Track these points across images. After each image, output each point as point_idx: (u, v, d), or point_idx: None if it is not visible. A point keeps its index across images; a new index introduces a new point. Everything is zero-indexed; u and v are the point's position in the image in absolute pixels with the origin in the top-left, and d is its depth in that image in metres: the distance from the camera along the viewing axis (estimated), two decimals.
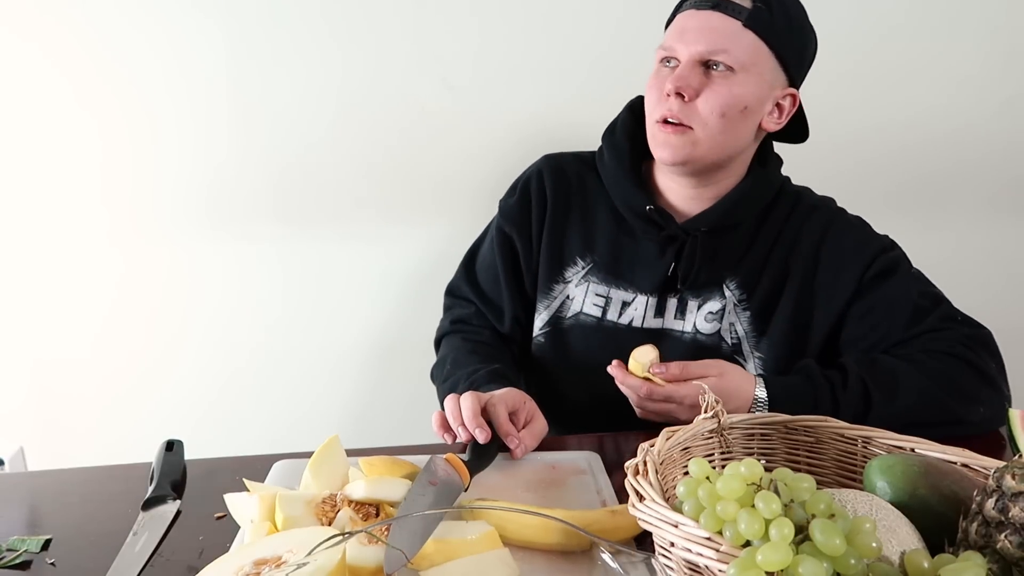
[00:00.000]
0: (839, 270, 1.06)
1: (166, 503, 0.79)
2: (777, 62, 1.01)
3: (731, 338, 1.09)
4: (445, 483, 0.75)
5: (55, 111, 1.39)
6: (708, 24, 0.99)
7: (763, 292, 1.08)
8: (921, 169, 1.60)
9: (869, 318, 1.05)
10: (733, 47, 0.98)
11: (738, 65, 0.98)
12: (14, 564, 0.71)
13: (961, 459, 0.67)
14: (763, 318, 1.08)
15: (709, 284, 1.09)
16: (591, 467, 0.86)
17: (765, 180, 1.10)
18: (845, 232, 1.09)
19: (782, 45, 1.00)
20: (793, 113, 1.06)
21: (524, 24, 1.45)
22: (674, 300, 1.10)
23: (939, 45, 1.53)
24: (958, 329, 1.03)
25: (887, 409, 0.95)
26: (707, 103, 0.99)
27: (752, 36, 0.98)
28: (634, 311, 1.11)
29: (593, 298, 1.12)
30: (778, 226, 1.10)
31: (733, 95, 0.98)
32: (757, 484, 0.54)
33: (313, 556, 0.55)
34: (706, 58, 0.99)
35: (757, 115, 1.03)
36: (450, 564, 0.63)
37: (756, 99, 1.01)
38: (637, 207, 1.09)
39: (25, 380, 1.53)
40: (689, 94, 0.99)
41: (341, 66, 1.43)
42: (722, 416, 0.71)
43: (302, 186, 1.48)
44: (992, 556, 0.53)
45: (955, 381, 0.97)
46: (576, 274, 1.14)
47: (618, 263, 1.12)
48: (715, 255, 1.08)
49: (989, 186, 1.62)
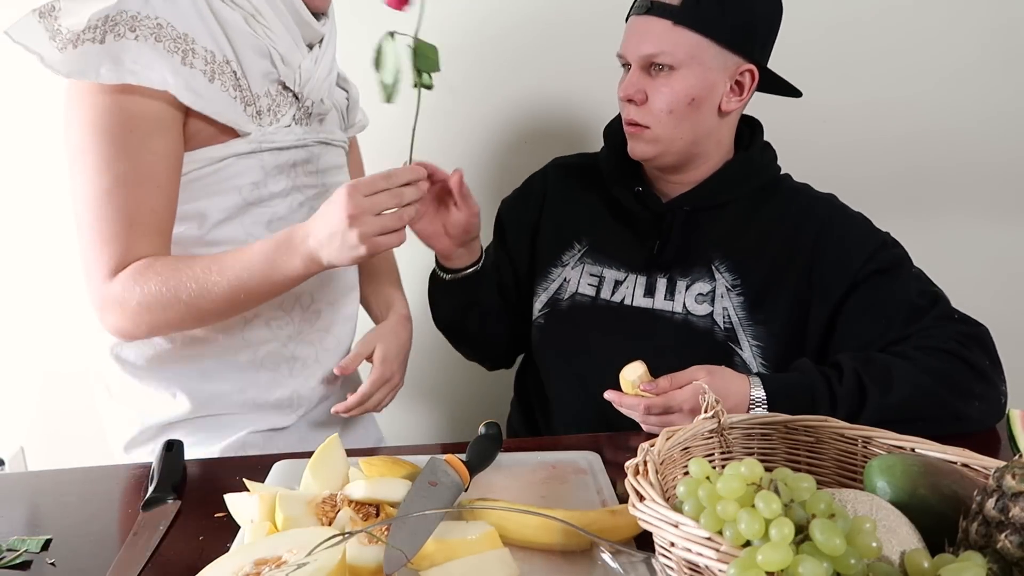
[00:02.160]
0: (838, 263, 1.07)
1: (166, 503, 0.79)
2: (719, 47, 1.05)
3: (724, 322, 1.10)
4: (445, 483, 0.75)
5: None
6: (645, 28, 1.06)
7: (758, 280, 1.10)
8: (920, 169, 1.59)
9: (866, 314, 1.05)
10: (668, 47, 1.04)
11: (676, 63, 1.04)
12: (14, 564, 0.71)
13: (961, 459, 0.67)
14: (758, 306, 1.10)
15: (696, 264, 1.12)
16: (591, 467, 0.86)
17: (748, 163, 1.15)
18: (845, 226, 1.11)
19: (718, 31, 1.04)
20: (755, 86, 1.09)
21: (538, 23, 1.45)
22: (663, 280, 1.14)
23: (939, 45, 1.53)
24: (953, 326, 1.03)
25: (883, 403, 0.95)
26: (655, 103, 1.06)
27: (685, 32, 1.03)
28: (626, 289, 1.15)
29: (588, 278, 1.18)
30: (777, 216, 1.12)
31: (675, 92, 1.05)
32: (757, 484, 0.54)
33: (313, 556, 0.55)
34: (648, 61, 1.06)
35: (710, 102, 1.08)
36: (450, 564, 0.63)
37: (702, 89, 1.06)
38: (627, 190, 1.17)
39: (25, 379, 1.53)
40: (639, 99, 1.07)
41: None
42: (722, 416, 0.71)
43: None
44: (992, 556, 0.53)
45: (949, 376, 0.97)
46: (572, 257, 1.20)
47: (610, 244, 1.18)
48: (699, 234, 1.13)
49: (989, 186, 1.61)
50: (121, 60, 0.89)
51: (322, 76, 1.05)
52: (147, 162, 0.92)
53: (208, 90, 0.94)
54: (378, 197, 0.88)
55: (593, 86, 1.46)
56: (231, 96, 0.96)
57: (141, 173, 0.92)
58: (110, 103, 0.90)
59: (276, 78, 1.01)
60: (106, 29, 0.90)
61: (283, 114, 1.02)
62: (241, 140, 0.98)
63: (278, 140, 1.01)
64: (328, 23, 1.07)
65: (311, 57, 1.04)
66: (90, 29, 0.90)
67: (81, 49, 0.89)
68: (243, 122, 0.97)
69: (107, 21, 0.91)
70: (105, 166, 0.91)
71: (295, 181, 1.05)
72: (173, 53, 0.92)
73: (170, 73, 0.91)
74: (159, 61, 0.91)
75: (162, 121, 0.92)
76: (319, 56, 1.05)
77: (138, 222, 0.93)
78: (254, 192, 1.00)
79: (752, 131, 1.18)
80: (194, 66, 0.93)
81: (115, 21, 0.91)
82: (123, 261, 0.93)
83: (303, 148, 1.05)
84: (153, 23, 0.92)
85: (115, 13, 0.91)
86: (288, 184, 1.04)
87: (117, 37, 0.90)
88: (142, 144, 0.92)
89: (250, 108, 0.99)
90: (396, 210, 0.89)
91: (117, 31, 0.90)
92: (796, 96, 1.14)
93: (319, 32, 1.04)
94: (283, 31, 1.00)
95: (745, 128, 1.17)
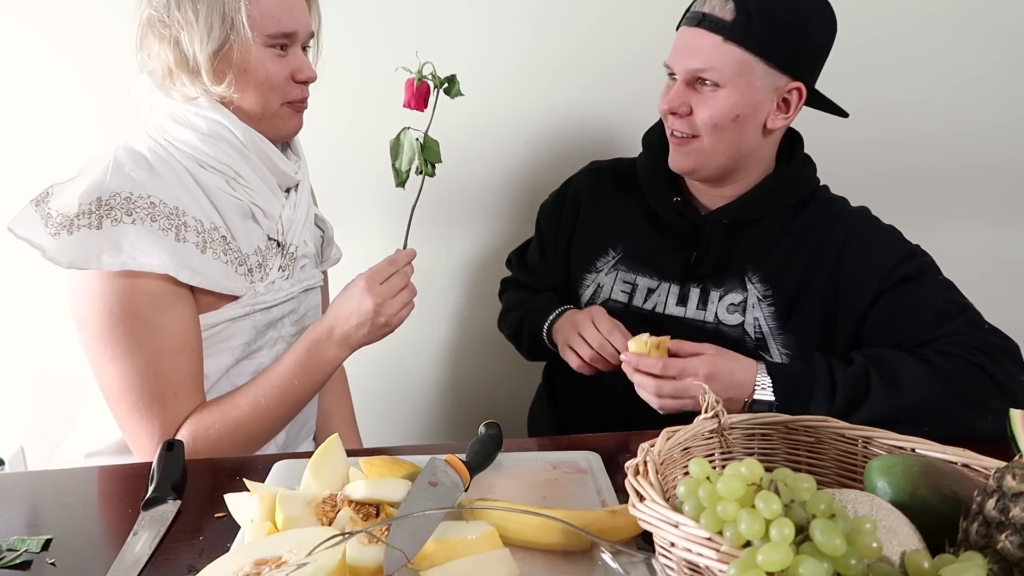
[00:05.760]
0: (864, 272, 1.07)
1: (166, 503, 0.79)
2: (768, 66, 1.03)
3: (755, 332, 1.11)
4: (445, 483, 0.75)
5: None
6: (695, 43, 1.04)
7: (789, 290, 1.10)
8: (920, 169, 1.59)
9: (892, 321, 1.05)
10: (717, 63, 1.03)
11: (722, 80, 1.03)
12: (14, 564, 0.71)
13: (961, 459, 0.67)
14: (788, 316, 1.10)
15: (730, 276, 1.13)
16: (591, 467, 0.86)
17: (788, 179, 1.14)
18: (873, 236, 1.11)
19: (769, 50, 1.02)
20: (802, 104, 1.08)
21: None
22: (696, 290, 1.14)
23: (939, 45, 1.53)
24: (981, 336, 1.01)
25: (886, 399, 0.94)
26: (700, 116, 1.06)
27: (735, 48, 1.02)
28: (658, 298, 1.16)
29: (621, 285, 1.19)
30: (807, 227, 1.12)
31: (721, 108, 1.04)
32: (757, 484, 0.54)
33: (313, 556, 0.55)
34: (694, 76, 1.05)
35: (754, 119, 1.07)
36: (450, 564, 0.63)
37: (747, 107, 1.05)
38: (665, 200, 1.16)
39: (25, 380, 1.53)
40: (683, 111, 1.07)
41: (358, 71, 1.43)
42: (722, 416, 0.71)
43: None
44: (992, 556, 0.53)
45: (966, 386, 0.95)
46: (607, 263, 1.21)
47: (645, 252, 1.19)
48: (735, 247, 1.13)
49: (989, 186, 1.61)
50: (120, 246, 0.90)
51: (301, 220, 1.09)
52: (173, 332, 0.94)
53: (202, 263, 0.95)
54: (392, 281, 0.99)
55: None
56: (223, 262, 0.98)
57: (173, 344, 0.94)
58: (121, 287, 0.91)
59: (261, 233, 1.04)
60: (102, 214, 0.90)
61: (271, 267, 1.05)
62: (234, 304, 1.00)
63: (268, 299, 1.04)
64: (300, 163, 1.10)
65: (289, 204, 1.07)
66: (84, 215, 0.89)
67: (78, 235, 0.89)
68: (237, 287, 1.00)
69: (101, 205, 0.90)
70: (137, 346, 0.92)
71: (280, 332, 1.08)
72: (167, 231, 0.93)
73: (167, 254, 0.91)
74: (156, 244, 0.91)
75: (176, 293, 0.94)
76: (296, 201, 1.08)
77: (180, 388, 0.96)
78: (245, 351, 1.04)
79: (792, 144, 1.17)
80: (187, 240, 0.95)
81: (109, 205, 0.90)
82: (173, 426, 0.96)
83: (290, 301, 1.08)
84: (146, 203, 0.92)
85: (108, 196, 0.91)
86: (275, 335, 1.07)
87: (114, 222, 0.90)
88: (165, 316, 0.93)
89: (241, 268, 1.01)
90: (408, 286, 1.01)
91: (113, 216, 0.90)
92: (843, 116, 1.13)
93: (294, 179, 1.07)
94: (262, 186, 1.03)
95: (786, 141, 1.16)
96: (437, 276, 1.58)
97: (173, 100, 0.97)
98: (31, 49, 1.37)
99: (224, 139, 0.98)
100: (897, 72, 1.54)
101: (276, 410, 0.99)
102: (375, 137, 1.44)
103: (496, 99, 1.45)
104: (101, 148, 0.99)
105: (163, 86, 0.97)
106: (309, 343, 0.99)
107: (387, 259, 1.01)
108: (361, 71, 1.43)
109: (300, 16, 0.99)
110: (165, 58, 0.95)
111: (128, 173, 0.93)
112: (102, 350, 0.93)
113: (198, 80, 0.95)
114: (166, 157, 0.97)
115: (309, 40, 1.03)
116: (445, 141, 1.01)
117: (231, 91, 0.96)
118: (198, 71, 0.94)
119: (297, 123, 1.05)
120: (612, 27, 1.47)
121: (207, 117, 0.97)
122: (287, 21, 0.97)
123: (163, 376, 0.94)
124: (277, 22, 0.96)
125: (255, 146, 1.00)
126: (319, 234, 1.20)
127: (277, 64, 0.98)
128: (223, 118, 0.97)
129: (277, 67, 0.98)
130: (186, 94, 0.96)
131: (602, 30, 1.47)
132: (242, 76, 0.96)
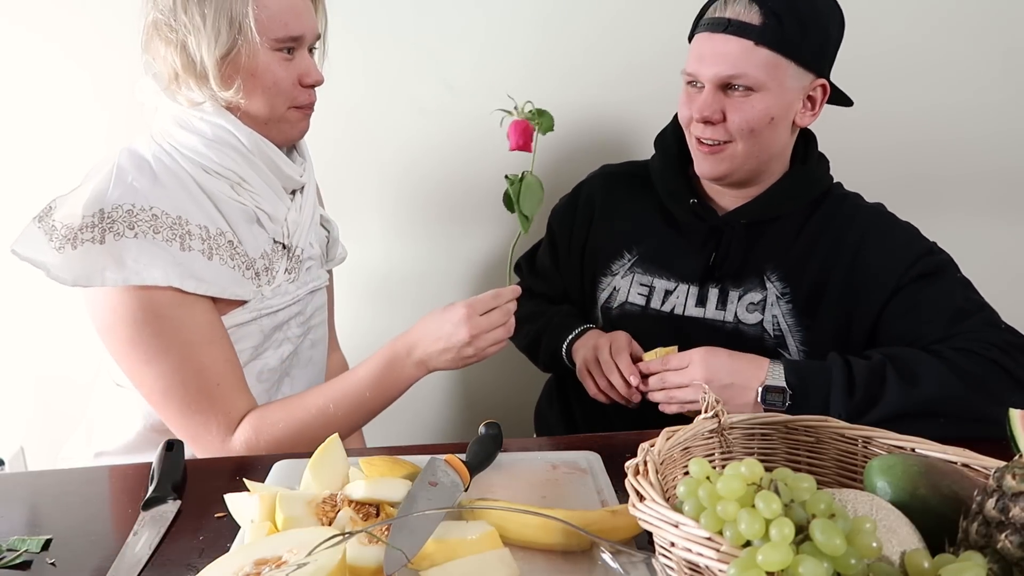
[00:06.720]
0: (880, 269, 1.07)
1: (166, 503, 0.79)
2: (798, 66, 1.04)
3: (773, 330, 1.11)
4: (445, 483, 0.75)
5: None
6: (723, 48, 1.03)
7: (807, 287, 1.11)
8: (920, 169, 1.59)
9: (908, 317, 1.05)
10: (749, 69, 1.02)
11: (756, 84, 1.03)
12: (14, 564, 0.71)
13: (961, 459, 0.67)
14: (807, 313, 1.11)
15: (749, 275, 1.13)
16: (591, 467, 0.86)
17: (805, 177, 1.14)
18: (890, 233, 1.11)
19: (798, 51, 1.03)
20: (826, 99, 1.10)
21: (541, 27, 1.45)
22: (715, 290, 1.14)
23: (939, 45, 1.53)
24: (998, 334, 1.01)
25: (903, 393, 0.94)
26: (735, 122, 1.05)
27: (766, 52, 1.02)
28: (676, 299, 1.16)
29: (638, 287, 1.19)
30: (823, 225, 1.13)
31: (756, 112, 1.04)
32: (757, 484, 0.54)
33: (313, 556, 0.55)
34: (725, 82, 1.04)
35: (787, 119, 1.07)
36: (450, 564, 0.63)
37: (781, 107, 1.05)
38: (681, 201, 1.16)
39: (25, 380, 1.53)
40: (716, 119, 1.06)
41: (361, 71, 1.43)
42: (722, 416, 0.71)
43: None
44: (992, 556, 0.53)
45: (983, 381, 0.96)
46: (622, 267, 1.21)
47: (661, 254, 1.19)
48: (754, 247, 1.13)
49: (989, 186, 1.61)
50: (123, 261, 0.89)
51: (306, 223, 1.09)
52: (199, 323, 0.94)
53: (208, 270, 0.95)
54: (492, 316, 0.97)
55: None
56: (230, 267, 0.98)
57: (202, 335, 0.94)
58: (135, 295, 0.91)
59: (267, 237, 1.03)
60: (104, 228, 0.89)
61: (277, 270, 1.05)
62: (241, 309, 1.00)
63: (275, 304, 1.04)
64: (306, 165, 1.09)
65: (295, 206, 1.07)
66: (87, 228, 0.89)
67: (81, 250, 0.88)
68: (244, 291, 0.99)
69: (104, 218, 0.90)
70: (168, 344, 0.92)
71: (286, 334, 1.08)
72: (171, 241, 0.92)
73: (171, 265, 0.91)
74: (159, 256, 0.91)
75: (188, 295, 0.94)
76: (302, 203, 1.08)
77: (224, 378, 0.95)
78: (253, 354, 1.04)
79: (807, 142, 1.17)
80: (192, 248, 0.94)
81: (112, 218, 0.90)
82: (229, 417, 0.96)
83: (296, 303, 1.08)
84: (148, 215, 0.92)
85: (110, 209, 0.90)
86: (280, 337, 1.07)
87: (117, 236, 0.89)
88: (187, 312, 0.93)
89: (248, 272, 1.01)
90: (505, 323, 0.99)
91: (116, 230, 0.90)
92: (848, 105, 1.14)
93: (299, 182, 1.07)
94: (267, 190, 1.02)
95: (799, 139, 1.16)
96: (440, 276, 1.58)
97: (178, 104, 0.97)
98: (39, 57, 1.37)
99: (229, 144, 0.97)
100: (915, 77, 1.54)
101: (344, 419, 0.98)
102: (379, 134, 1.45)
103: (504, 101, 1.45)
104: (105, 152, 0.99)
105: (168, 90, 0.97)
106: (387, 358, 0.98)
107: (492, 292, 0.99)
108: (365, 69, 1.43)
109: (307, 19, 0.99)
110: (172, 62, 0.94)
111: (131, 183, 0.93)
112: (135, 356, 0.92)
113: (206, 85, 0.94)
114: (170, 163, 0.97)
115: (316, 42, 1.03)
116: (450, 142, 1.00)
117: (239, 96, 0.95)
118: (206, 76, 0.94)
119: (304, 127, 1.04)
120: (621, 30, 1.47)
121: (212, 122, 0.96)
122: (294, 25, 0.96)
123: (202, 368, 0.94)
124: (285, 26, 0.95)
125: (260, 151, 0.99)
126: (324, 234, 1.19)
127: (284, 68, 0.97)
128: (228, 123, 0.97)
129: (284, 71, 0.97)
130: (192, 99, 0.96)
131: (611, 33, 1.47)
132: (250, 81, 0.96)
